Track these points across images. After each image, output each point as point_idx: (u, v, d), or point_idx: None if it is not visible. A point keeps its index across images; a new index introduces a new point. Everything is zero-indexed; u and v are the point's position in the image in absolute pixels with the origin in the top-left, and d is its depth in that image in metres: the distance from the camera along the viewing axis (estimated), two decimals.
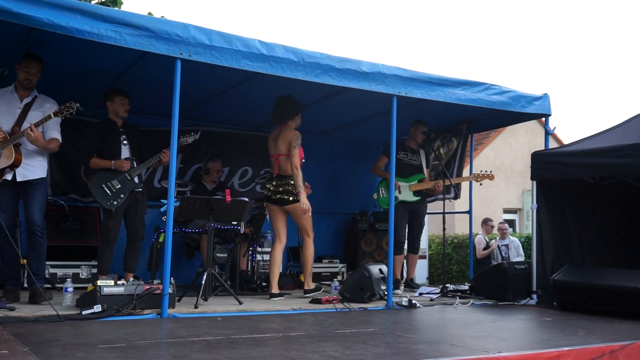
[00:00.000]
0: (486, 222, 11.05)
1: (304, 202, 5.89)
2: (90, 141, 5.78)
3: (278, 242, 6.10)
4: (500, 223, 11.20)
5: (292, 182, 5.96)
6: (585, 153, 6.22)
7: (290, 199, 5.96)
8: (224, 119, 7.89)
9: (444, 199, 7.08)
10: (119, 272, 5.89)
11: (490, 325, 4.90)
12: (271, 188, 6.08)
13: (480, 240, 10.52)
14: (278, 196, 6.01)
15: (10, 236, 4.82)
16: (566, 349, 3.69)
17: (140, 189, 5.80)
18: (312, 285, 6.20)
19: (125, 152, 5.74)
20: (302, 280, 7.33)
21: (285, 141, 6.05)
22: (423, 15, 55.54)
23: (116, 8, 9.14)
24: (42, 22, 4.27)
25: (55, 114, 4.83)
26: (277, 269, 6.04)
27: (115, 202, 5.60)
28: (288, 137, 6.04)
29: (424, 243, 10.45)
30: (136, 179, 5.74)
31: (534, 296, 6.48)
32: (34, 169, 5.03)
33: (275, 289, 5.99)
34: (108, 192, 5.61)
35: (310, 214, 6.01)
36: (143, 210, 5.85)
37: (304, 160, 6.15)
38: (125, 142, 5.75)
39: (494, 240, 10.79)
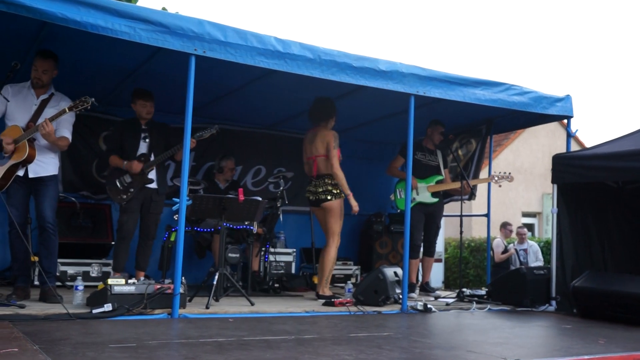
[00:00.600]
0: (505, 226, 11.01)
1: (355, 204, 6.16)
2: (112, 139, 5.94)
3: (333, 242, 6.17)
4: (519, 227, 11.14)
5: (330, 182, 6.11)
6: (608, 156, 6.18)
7: (329, 197, 6.08)
8: (237, 117, 7.91)
9: (461, 200, 7.04)
10: (131, 270, 5.93)
11: (507, 331, 4.88)
12: (312, 190, 6.21)
13: (498, 244, 10.47)
14: (317, 197, 6.12)
15: (21, 233, 4.87)
16: (586, 357, 3.67)
17: (156, 187, 5.84)
18: (328, 292, 6.14)
19: (143, 148, 5.81)
20: (315, 282, 7.35)
21: (323, 142, 6.13)
22: (443, 14, 55.36)
23: (131, 3, 9.22)
24: (56, 16, 4.30)
25: (70, 109, 4.87)
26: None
27: (124, 197, 5.68)
28: (326, 138, 6.12)
29: (439, 246, 10.39)
30: (151, 175, 5.78)
31: (553, 302, 6.44)
32: (46, 165, 5.07)
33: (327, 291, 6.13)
34: (119, 186, 5.73)
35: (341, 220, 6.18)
36: (157, 209, 5.89)
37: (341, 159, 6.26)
38: (146, 139, 5.82)
39: (512, 244, 10.74)
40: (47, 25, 4.80)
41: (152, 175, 5.81)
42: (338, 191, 6.09)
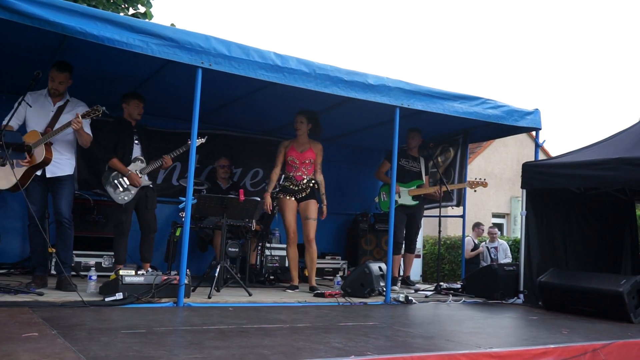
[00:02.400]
0: (478, 226, 11.08)
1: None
2: (108, 139, 5.69)
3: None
4: (490, 227, 11.19)
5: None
6: (573, 165, 6.22)
7: None
8: (238, 124, 7.89)
9: (439, 206, 7.08)
10: (138, 263, 5.89)
11: (481, 322, 4.89)
12: None
13: (468, 242, 10.50)
14: None
15: (40, 227, 4.84)
16: (552, 346, 3.68)
17: (151, 185, 5.80)
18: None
19: (136, 151, 5.74)
20: (307, 275, 7.37)
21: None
22: (426, 31, 55.53)
23: (146, 19, 9.22)
24: (76, 30, 4.27)
25: (83, 116, 4.85)
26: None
27: (126, 198, 5.63)
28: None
29: (419, 243, 10.43)
30: (146, 177, 5.74)
31: (521, 296, 6.47)
32: (62, 166, 5.05)
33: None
34: (120, 188, 5.64)
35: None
36: (153, 204, 5.85)
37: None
38: (137, 142, 5.76)
39: (483, 242, 10.79)
40: (67, 38, 4.78)
41: (146, 179, 5.75)
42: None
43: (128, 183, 5.63)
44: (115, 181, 5.62)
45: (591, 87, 48.26)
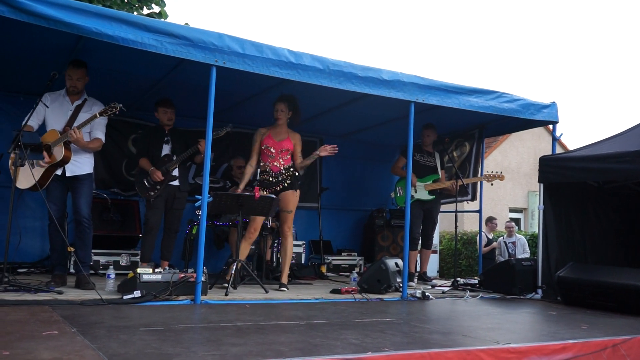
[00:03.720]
0: (490, 220, 10.90)
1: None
2: (141, 143, 6.13)
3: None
4: (508, 222, 11.07)
5: None
6: (590, 159, 6.15)
7: None
8: (253, 122, 7.85)
9: (456, 201, 7.05)
10: (156, 260, 5.94)
11: (498, 317, 4.86)
12: None
13: (482, 237, 10.39)
14: None
15: (59, 226, 4.89)
16: (571, 341, 3.65)
17: (178, 185, 5.87)
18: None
19: (165, 150, 5.89)
20: (323, 271, 7.34)
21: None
22: (441, 26, 55.21)
23: (161, 18, 9.27)
24: (91, 31, 4.31)
25: (101, 114, 4.89)
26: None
27: (152, 194, 5.76)
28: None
29: (435, 239, 10.41)
30: (175, 172, 5.82)
31: (539, 291, 6.43)
32: (81, 165, 5.09)
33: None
34: (147, 185, 5.82)
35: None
36: (180, 205, 5.93)
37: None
38: (168, 143, 5.91)
39: (501, 237, 10.68)
40: (82, 39, 4.82)
41: (176, 172, 5.85)
42: None
43: (153, 182, 5.75)
44: (144, 180, 5.85)
45: (609, 80, 47.72)
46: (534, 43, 50.61)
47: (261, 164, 5.92)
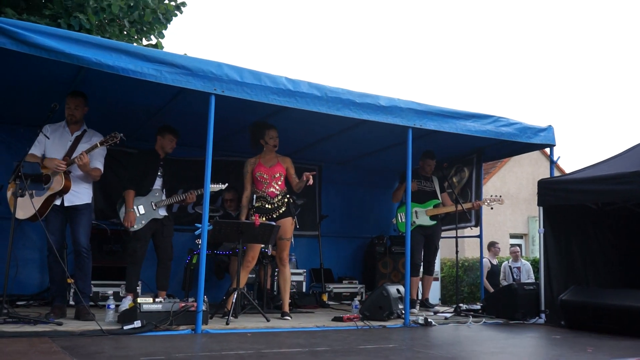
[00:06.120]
0: (493, 245, 10.80)
1: None
2: (135, 168, 5.80)
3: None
4: (512, 246, 11.02)
5: None
6: (589, 180, 6.17)
7: None
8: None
9: (456, 227, 7.01)
10: (154, 291, 5.89)
11: (502, 342, 4.83)
12: None
13: (485, 263, 10.32)
14: None
15: (58, 257, 4.87)
16: None
17: (167, 214, 5.80)
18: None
19: (158, 183, 5.79)
20: (325, 299, 7.27)
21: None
22: (438, 51, 55.88)
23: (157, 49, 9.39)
24: (91, 61, 4.37)
25: (102, 143, 4.93)
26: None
27: (135, 226, 5.64)
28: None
29: (436, 266, 10.38)
30: (161, 211, 5.74)
31: (543, 315, 6.37)
32: (80, 195, 5.10)
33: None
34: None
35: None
36: (170, 232, 5.85)
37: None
38: (160, 174, 5.81)
39: (505, 262, 10.60)
40: (82, 70, 4.88)
41: (163, 211, 5.76)
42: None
43: (142, 212, 5.67)
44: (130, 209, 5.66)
45: (604, 103, 48.11)
46: (529, 67, 51.19)
47: (257, 192, 5.86)
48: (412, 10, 58.07)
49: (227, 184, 5.90)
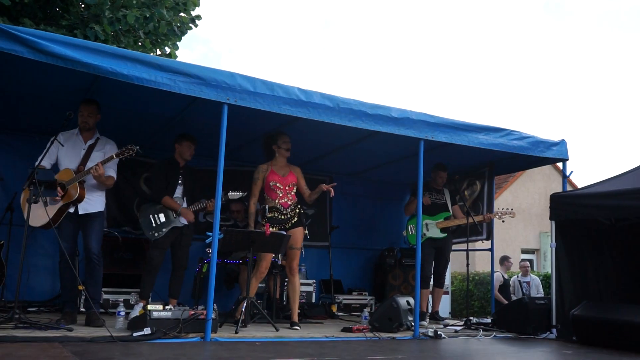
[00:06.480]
0: (506, 259, 10.74)
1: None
2: (159, 178, 5.83)
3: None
4: (522, 261, 10.94)
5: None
6: (602, 195, 6.13)
7: None
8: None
9: (467, 241, 6.97)
10: (165, 299, 5.91)
11: (512, 356, 4.79)
12: None
13: (497, 277, 10.24)
14: None
15: (70, 263, 4.91)
16: None
17: (186, 224, 5.83)
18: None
19: (178, 191, 5.81)
20: (334, 310, 7.26)
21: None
22: (451, 64, 55.89)
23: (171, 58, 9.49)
24: (107, 70, 4.43)
25: (117, 156, 4.99)
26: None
27: (156, 234, 5.66)
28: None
29: (446, 279, 10.30)
30: (181, 219, 5.78)
31: (554, 330, 6.31)
32: (94, 203, 5.15)
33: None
34: (153, 223, 5.69)
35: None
36: (188, 242, 5.89)
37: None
38: (180, 182, 5.83)
39: (515, 276, 10.53)
40: (97, 80, 4.94)
41: (183, 219, 5.78)
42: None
43: (162, 220, 5.70)
44: (151, 216, 5.70)
45: (617, 118, 47.81)
46: (542, 81, 51.07)
47: (268, 201, 5.86)
48: (426, 23, 58.20)
49: (246, 192, 5.91)
